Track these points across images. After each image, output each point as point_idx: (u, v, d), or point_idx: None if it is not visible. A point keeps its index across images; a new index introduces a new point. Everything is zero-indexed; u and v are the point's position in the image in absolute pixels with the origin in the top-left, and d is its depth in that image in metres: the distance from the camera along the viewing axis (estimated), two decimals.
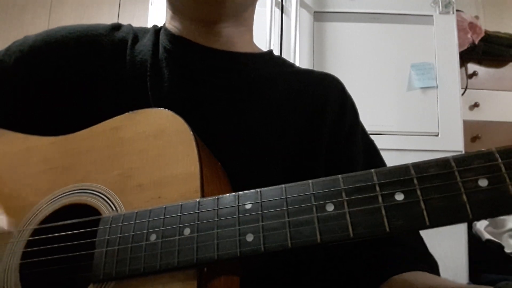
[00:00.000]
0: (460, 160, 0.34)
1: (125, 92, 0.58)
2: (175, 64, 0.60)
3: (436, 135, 1.55)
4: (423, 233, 0.60)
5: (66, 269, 0.46)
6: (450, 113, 1.57)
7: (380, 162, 0.66)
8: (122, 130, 0.50)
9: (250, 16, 0.68)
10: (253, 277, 0.46)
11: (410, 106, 1.58)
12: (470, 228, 1.73)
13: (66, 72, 0.58)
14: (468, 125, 1.69)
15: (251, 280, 0.45)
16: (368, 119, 1.54)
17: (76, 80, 0.58)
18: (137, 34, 0.64)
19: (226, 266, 0.41)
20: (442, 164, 0.35)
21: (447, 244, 1.46)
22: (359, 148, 0.65)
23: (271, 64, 0.67)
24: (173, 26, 0.64)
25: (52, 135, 0.54)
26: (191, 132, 0.46)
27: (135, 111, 0.51)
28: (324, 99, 0.64)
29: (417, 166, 0.35)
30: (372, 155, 0.66)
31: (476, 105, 2.14)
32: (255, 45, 0.70)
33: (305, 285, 0.57)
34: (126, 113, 0.51)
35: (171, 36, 0.63)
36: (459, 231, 1.49)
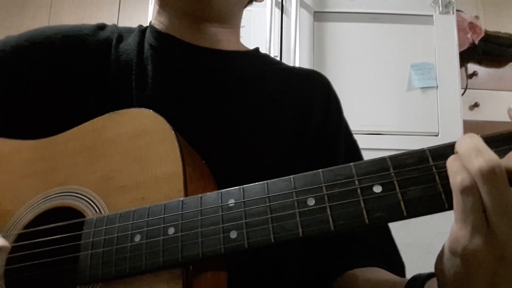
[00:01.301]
0: (435, 150, 0.35)
1: (110, 92, 0.57)
2: (160, 60, 0.60)
3: (436, 135, 1.55)
4: (423, 231, 0.61)
5: (52, 272, 0.46)
6: (450, 113, 1.57)
7: (360, 159, 0.67)
8: (103, 131, 0.50)
9: (237, 20, 0.68)
10: (241, 274, 0.46)
11: (410, 106, 1.58)
12: None
13: (51, 72, 0.58)
14: (468, 125, 1.68)
15: (238, 276, 0.45)
16: (368, 119, 1.55)
17: (62, 80, 0.58)
18: (121, 33, 0.64)
19: (212, 263, 0.42)
20: (418, 155, 0.36)
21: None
22: (342, 145, 0.66)
23: (258, 62, 0.67)
24: (159, 22, 0.64)
25: (36, 135, 0.54)
26: (173, 132, 0.46)
27: (116, 111, 0.51)
28: (311, 97, 0.65)
29: (394, 158, 0.37)
30: (353, 153, 0.67)
31: (476, 105, 2.13)
32: (241, 44, 0.70)
33: (286, 281, 0.58)
34: (107, 114, 0.51)
35: (157, 33, 0.62)
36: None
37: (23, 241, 0.47)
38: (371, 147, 1.45)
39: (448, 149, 0.35)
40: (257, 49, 0.69)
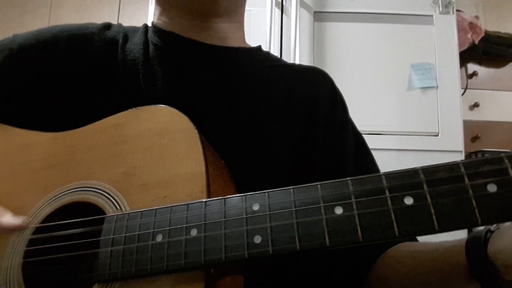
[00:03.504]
0: (469, 164, 0.34)
1: (119, 92, 0.57)
2: (167, 61, 0.60)
3: (436, 135, 1.55)
4: None
5: (70, 268, 0.45)
6: (450, 113, 1.57)
7: (369, 156, 0.67)
8: (125, 127, 0.50)
9: (242, 13, 0.68)
10: (256, 275, 0.46)
11: (410, 106, 1.58)
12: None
13: (57, 71, 0.58)
14: (468, 125, 1.68)
15: (254, 278, 0.44)
16: (368, 119, 1.55)
17: (67, 78, 0.58)
18: (127, 33, 0.64)
19: (231, 266, 0.41)
20: (451, 168, 0.35)
21: None
22: (350, 142, 0.65)
23: (262, 59, 0.67)
24: (162, 22, 0.63)
25: (49, 130, 0.54)
26: (196, 131, 0.46)
27: (139, 107, 0.50)
28: (316, 95, 0.65)
29: (427, 170, 0.35)
30: (361, 149, 0.67)
31: (476, 105, 2.13)
32: (246, 42, 0.70)
33: (306, 280, 0.57)
34: (130, 110, 0.51)
35: (161, 32, 0.62)
36: (459, 231, 1.49)
37: (41, 234, 0.47)
38: (371, 147, 1.44)
39: (482, 164, 0.34)
40: (259, 47, 0.69)
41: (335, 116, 0.65)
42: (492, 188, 0.33)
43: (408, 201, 0.34)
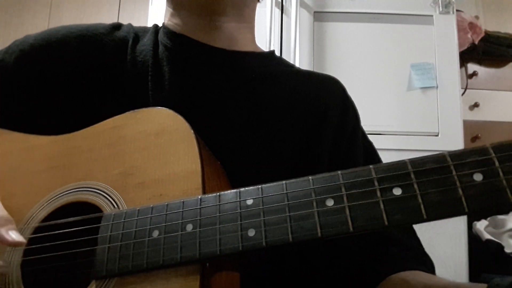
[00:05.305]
0: (455, 155, 0.35)
1: (127, 92, 0.58)
2: (176, 63, 0.60)
3: (436, 135, 1.56)
4: (423, 231, 0.61)
5: (68, 266, 0.46)
6: (450, 113, 1.57)
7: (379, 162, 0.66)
8: (123, 129, 0.51)
9: (251, 14, 0.68)
10: (253, 273, 0.46)
11: (410, 106, 1.58)
12: (470, 228, 1.73)
13: (67, 71, 0.58)
14: (468, 125, 1.68)
15: (250, 276, 0.45)
16: (368, 119, 1.54)
17: (77, 78, 0.58)
18: (137, 33, 0.64)
19: (227, 262, 0.42)
20: (438, 159, 0.36)
21: (447, 244, 1.46)
22: (360, 151, 0.65)
23: (273, 63, 0.67)
24: (173, 23, 0.64)
25: (54, 133, 0.55)
26: (192, 131, 0.47)
27: (136, 110, 0.51)
28: (326, 102, 0.64)
29: (414, 161, 0.36)
30: (372, 158, 0.67)
31: (476, 105, 2.14)
32: (257, 45, 0.70)
33: (304, 284, 0.57)
34: (127, 112, 0.52)
35: (171, 34, 0.62)
36: (459, 231, 1.49)
37: (40, 233, 0.48)
38: None
39: (468, 154, 0.35)
40: (272, 52, 0.69)
41: (345, 124, 0.64)
42: (478, 177, 0.34)
43: (397, 191, 0.36)
